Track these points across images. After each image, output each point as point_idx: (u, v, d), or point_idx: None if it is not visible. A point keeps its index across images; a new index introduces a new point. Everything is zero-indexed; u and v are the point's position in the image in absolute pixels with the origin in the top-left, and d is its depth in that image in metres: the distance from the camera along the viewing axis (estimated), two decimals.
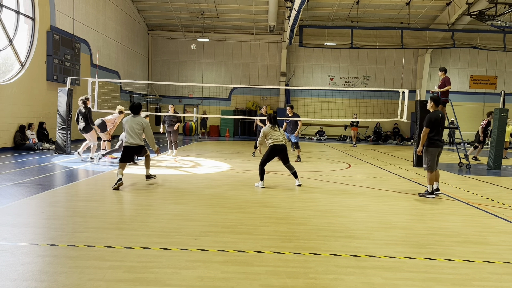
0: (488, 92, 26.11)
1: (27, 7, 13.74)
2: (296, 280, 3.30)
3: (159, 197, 6.48)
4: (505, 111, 11.43)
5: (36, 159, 10.74)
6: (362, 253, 4.00)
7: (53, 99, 14.03)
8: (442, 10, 22.95)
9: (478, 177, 9.95)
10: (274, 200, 6.42)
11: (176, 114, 12.70)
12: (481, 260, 3.91)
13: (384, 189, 7.79)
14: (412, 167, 11.58)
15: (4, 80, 12.79)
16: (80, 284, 3.10)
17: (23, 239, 4.14)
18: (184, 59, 26.88)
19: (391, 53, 26.55)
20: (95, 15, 18.53)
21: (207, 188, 7.33)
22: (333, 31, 22.49)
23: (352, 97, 25.51)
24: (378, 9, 22.85)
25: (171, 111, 12.76)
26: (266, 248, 4.04)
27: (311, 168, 10.87)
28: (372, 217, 5.53)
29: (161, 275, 3.32)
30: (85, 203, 5.83)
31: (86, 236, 4.26)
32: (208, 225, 4.86)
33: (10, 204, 5.59)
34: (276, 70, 26.68)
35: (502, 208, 6.32)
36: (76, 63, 16.29)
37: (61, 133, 11.97)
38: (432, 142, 6.99)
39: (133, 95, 23.65)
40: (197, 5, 23.28)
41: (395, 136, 25.70)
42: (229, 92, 26.88)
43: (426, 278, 3.43)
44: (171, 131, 12.52)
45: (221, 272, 3.41)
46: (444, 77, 11.40)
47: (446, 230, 4.97)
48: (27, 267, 3.39)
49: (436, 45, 22.68)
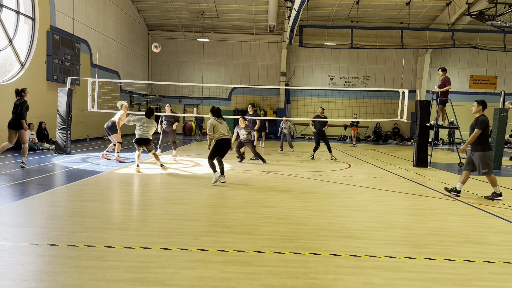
0: (488, 92, 26.10)
1: (27, 7, 13.74)
2: (296, 280, 3.30)
3: (159, 197, 6.48)
4: (505, 111, 11.44)
5: (36, 159, 10.74)
6: (362, 253, 4.00)
7: (53, 99, 14.03)
8: (442, 10, 22.95)
9: (478, 177, 9.93)
10: (274, 200, 6.42)
11: (173, 114, 12.65)
12: (481, 260, 3.90)
13: (384, 189, 7.79)
14: (412, 167, 11.58)
15: (4, 80, 12.79)
16: (80, 284, 3.10)
17: (23, 239, 4.14)
18: (184, 59, 26.89)
19: (391, 53, 26.55)
20: (95, 15, 18.53)
21: (207, 188, 7.33)
22: (333, 31, 22.49)
23: (352, 97, 25.51)
24: (378, 9, 22.85)
25: (168, 111, 12.67)
26: (266, 248, 4.04)
27: (311, 168, 10.87)
28: (372, 217, 5.53)
29: (161, 275, 3.32)
30: (85, 203, 5.83)
31: (86, 236, 4.26)
32: (208, 225, 4.86)
33: (10, 204, 5.60)
34: (276, 70, 26.69)
35: (502, 208, 6.32)
36: (76, 63, 16.29)
37: (61, 133, 11.97)
38: (488, 146, 7.00)
39: (133, 95, 23.65)
40: (197, 5, 23.28)
41: (395, 136, 25.70)
42: (229, 92, 26.88)
43: (426, 278, 3.43)
44: (169, 131, 12.43)
45: (221, 272, 3.41)
46: (444, 77, 11.41)
47: (446, 230, 4.97)
48: (27, 267, 3.39)
49: (436, 45, 22.68)
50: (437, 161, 13.68)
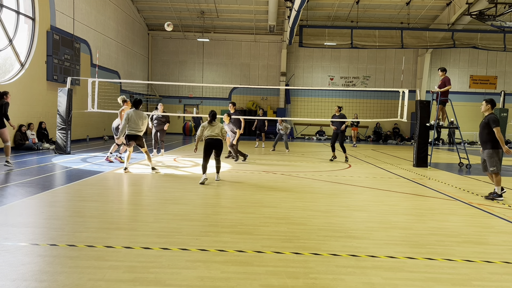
0: (488, 92, 26.08)
1: (27, 7, 13.74)
2: (296, 280, 3.30)
3: (159, 197, 6.48)
4: (505, 111, 11.44)
5: (36, 159, 10.74)
6: (362, 253, 4.00)
7: (53, 99, 14.03)
8: (442, 10, 22.95)
9: (478, 177, 9.94)
10: (274, 200, 6.42)
11: (165, 114, 12.50)
12: (481, 260, 3.90)
13: (384, 189, 7.79)
14: (412, 167, 11.58)
15: (4, 80, 12.79)
16: (80, 284, 3.10)
17: (23, 239, 4.14)
18: (184, 59, 26.89)
19: (391, 53, 26.55)
20: (95, 15, 18.53)
21: (207, 188, 7.33)
22: (333, 31, 22.50)
23: (352, 97, 25.51)
24: (378, 9, 22.85)
25: (160, 110, 12.42)
26: (266, 248, 4.04)
27: (311, 168, 10.87)
28: (372, 217, 5.53)
29: (161, 275, 3.32)
30: (85, 203, 5.83)
31: (86, 236, 4.26)
32: (208, 225, 4.86)
33: (10, 204, 5.60)
34: (276, 70, 26.68)
35: (502, 208, 6.32)
36: (76, 63, 16.29)
37: (61, 133, 11.97)
38: (498, 144, 6.87)
39: (133, 95, 23.65)
40: (197, 5, 23.28)
41: (395, 136, 25.70)
42: (229, 92, 26.87)
43: (426, 278, 3.43)
44: (159, 130, 12.27)
45: (221, 272, 3.41)
46: (444, 77, 11.41)
47: (446, 230, 4.97)
48: (27, 267, 3.39)
49: (436, 45, 22.69)
50: (437, 161, 13.68)
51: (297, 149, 16.77)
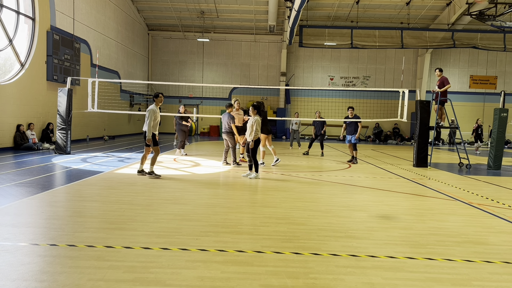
0: (488, 92, 26.10)
1: (27, 7, 13.74)
2: (296, 280, 3.30)
3: (159, 197, 6.48)
4: (505, 111, 11.43)
5: (36, 159, 10.74)
6: (362, 253, 4.00)
7: (53, 99, 14.03)
8: (442, 10, 22.95)
9: (478, 177, 9.95)
10: (274, 200, 6.42)
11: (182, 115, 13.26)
12: (481, 260, 3.90)
13: (384, 189, 7.79)
14: (412, 167, 11.58)
15: (4, 80, 12.78)
16: (80, 284, 3.10)
17: (23, 239, 4.14)
18: (184, 59, 26.88)
19: (391, 53, 26.55)
20: (95, 15, 18.53)
21: (207, 188, 7.33)
22: (333, 31, 22.49)
23: (352, 97, 25.51)
24: (378, 9, 22.84)
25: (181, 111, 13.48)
26: (266, 248, 4.04)
27: (311, 168, 10.87)
28: (372, 217, 5.53)
29: (161, 275, 3.32)
30: (85, 203, 5.83)
31: (86, 236, 4.26)
32: (208, 225, 4.86)
33: (10, 204, 5.59)
34: (276, 70, 26.68)
35: (502, 208, 6.32)
36: (76, 63, 16.29)
37: (61, 133, 11.97)
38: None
39: (133, 95, 23.64)
40: (197, 5, 23.28)
41: (395, 136, 25.70)
42: (229, 92, 26.87)
43: (426, 278, 3.43)
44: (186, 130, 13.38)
45: (221, 272, 3.41)
46: (441, 76, 11.42)
47: (446, 230, 4.97)
48: (27, 267, 3.39)
49: (436, 45, 22.68)
50: (437, 161, 13.68)
51: (297, 149, 16.78)
